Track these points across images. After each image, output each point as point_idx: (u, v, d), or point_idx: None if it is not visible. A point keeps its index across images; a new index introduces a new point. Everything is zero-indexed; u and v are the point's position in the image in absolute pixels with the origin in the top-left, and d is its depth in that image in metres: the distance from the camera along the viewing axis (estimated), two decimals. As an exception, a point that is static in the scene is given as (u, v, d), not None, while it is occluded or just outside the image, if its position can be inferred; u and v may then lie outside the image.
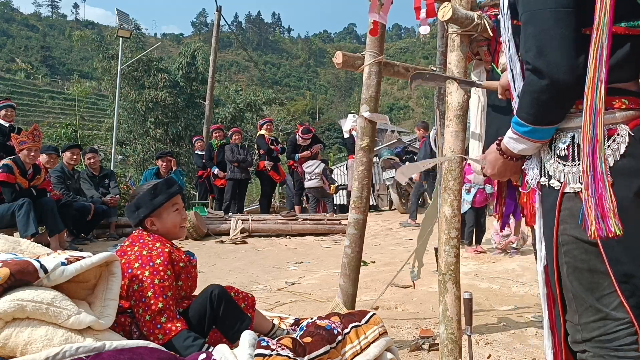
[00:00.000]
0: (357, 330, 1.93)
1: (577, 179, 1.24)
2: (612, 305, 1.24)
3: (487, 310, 3.34)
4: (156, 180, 2.16)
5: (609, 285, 1.23)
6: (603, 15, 1.14)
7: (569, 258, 1.29)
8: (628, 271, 1.21)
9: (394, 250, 6.14)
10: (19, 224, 5.01)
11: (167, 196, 2.06)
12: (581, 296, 1.29)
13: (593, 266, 1.25)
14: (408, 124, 72.79)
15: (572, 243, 1.28)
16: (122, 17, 14.03)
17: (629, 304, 1.21)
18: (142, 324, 1.84)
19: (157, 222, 2.06)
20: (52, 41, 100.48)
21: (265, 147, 8.90)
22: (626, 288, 1.21)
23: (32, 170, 5.39)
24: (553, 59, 1.17)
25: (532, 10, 1.21)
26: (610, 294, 1.24)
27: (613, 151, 1.20)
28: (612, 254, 1.21)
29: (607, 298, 1.25)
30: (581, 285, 1.28)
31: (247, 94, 24.21)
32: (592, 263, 1.25)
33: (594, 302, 1.27)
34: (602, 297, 1.26)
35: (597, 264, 1.24)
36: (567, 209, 1.28)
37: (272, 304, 3.47)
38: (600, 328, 1.26)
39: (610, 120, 1.21)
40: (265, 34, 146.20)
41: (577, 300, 1.30)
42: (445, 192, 2.11)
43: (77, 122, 17.22)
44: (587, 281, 1.27)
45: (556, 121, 1.26)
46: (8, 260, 1.59)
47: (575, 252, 1.28)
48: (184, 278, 2.02)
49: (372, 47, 2.64)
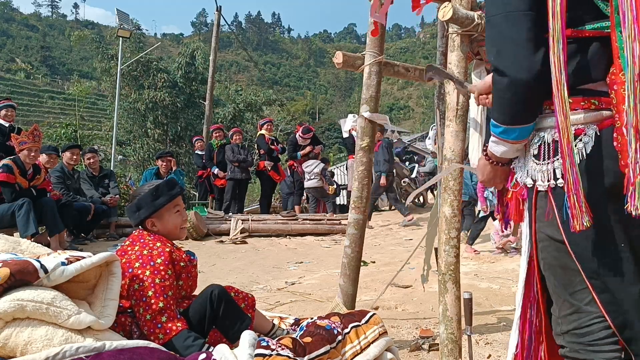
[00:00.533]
0: (357, 330, 1.93)
1: (545, 177, 1.28)
2: (585, 300, 1.28)
3: (487, 310, 3.35)
4: (158, 181, 2.16)
5: (581, 281, 1.27)
6: (556, 22, 1.17)
7: (545, 254, 1.34)
8: (595, 267, 1.24)
9: (394, 250, 6.14)
10: (19, 224, 5.01)
11: (168, 198, 2.06)
12: (557, 291, 1.34)
13: (565, 263, 1.30)
14: (408, 124, 72.86)
15: (546, 241, 1.33)
16: (122, 17, 14.02)
17: (600, 299, 1.25)
18: (142, 323, 1.84)
19: (158, 223, 2.06)
20: (52, 41, 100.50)
21: (266, 147, 8.90)
22: (596, 284, 1.25)
23: (32, 171, 5.39)
24: (509, 58, 1.22)
25: (491, 15, 1.25)
26: (583, 290, 1.28)
27: (579, 150, 1.23)
28: (579, 250, 1.25)
29: (580, 294, 1.29)
30: (556, 281, 1.34)
31: (247, 94, 24.21)
32: (564, 260, 1.29)
33: (567, 297, 1.31)
34: (575, 292, 1.30)
35: (569, 261, 1.28)
36: (540, 207, 1.33)
37: (272, 304, 3.47)
38: (576, 321, 1.31)
39: (577, 120, 1.24)
40: (265, 34, 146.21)
41: (554, 295, 1.36)
42: (445, 192, 2.11)
43: (77, 122, 17.23)
44: (561, 277, 1.32)
45: (525, 121, 1.28)
46: (8, 260, 1.59)
47: (549, 249, 1.33)
48: (185, 278, 2.02)
49: (372, 47, 2.64)
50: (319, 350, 1.76)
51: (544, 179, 1.29)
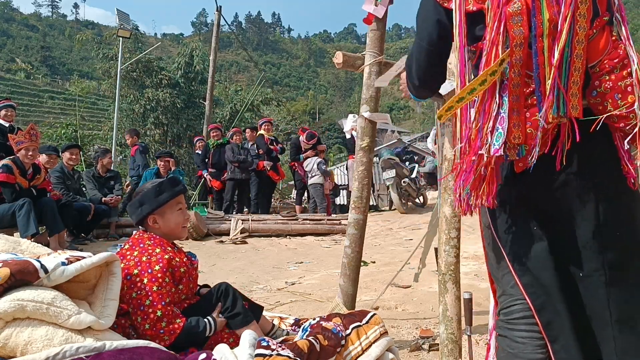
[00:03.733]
0: (358, 331, 1.92)
1: None
2: (510, 283, 1.41)
3: (487, 310, 3.34)
4: (161, 179, 2.16)
5: (506, 266, 1.41)
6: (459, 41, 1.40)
7: (484, 241, 1.52)
8: (516, 251, 1.37)
9: (394, 250, 6.14)
10: (20, 224, 5.01)
11: (171, 194, 2.06)
12: (493, 275, 1.51)
13: (494, 248, 1.45)
14: (408, 124, 72.84)
15: (484, 229, 1.50)
16: (122, 17, 14.00)
17: (521, 282, 1.37)
18: (142, 332, 1.84)
19: (160, 220, 2.05)
20: (52, 41, 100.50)
21: (265, 147, 8.90)
22: (517, 267, 1.37)
23: (32, 170, 5.39)
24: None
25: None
26: (508, 273, 1.41)
27: None
28: (502, 235, 1.41)
29: (506, 277, 1.42)
30: (491, 265, 1.50)
31: (245, 94, 24.20)
32: (493, 246, 1.45)
33: (498, 280, 1.47)
34: (503, 275, 1.44)
35: (496, 247, 1.43)
36: None
37: (272, 304, 3.47)
38: (502, 302, 1.45)
39: None
40: (265, 34, 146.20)
41: (493, 278, 1.52)
42: (446, 192, 2.11)
43: (77, 122, 17.23)
44: (493, 261, 1.48)
45: (420, 97, 1.79)
46: (8, 260, 1.59)
47: (486, 236, 1.50)
48: (185, 282, 2.02)
49: (372, 47, 2.64)
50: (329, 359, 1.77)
51: None
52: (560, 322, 1.32)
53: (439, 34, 1.48)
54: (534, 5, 1.26)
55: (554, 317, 1.32)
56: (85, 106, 30.98)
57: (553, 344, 1.33)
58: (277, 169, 9.20)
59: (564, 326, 1.31)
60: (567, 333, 1.31)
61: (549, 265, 1.33)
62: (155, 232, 2.06)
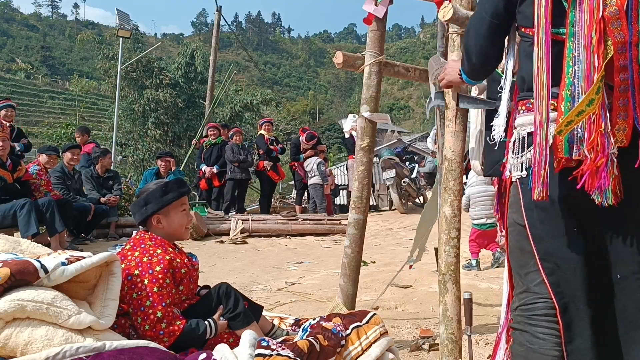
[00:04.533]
0: (358, 331, 1.92)
1: (516, 168, 1.49)
2: (535, 282, 1.44)
3: (487, 310, 3.34)
4: (165, 180, 2.17)
5: (534, 264, 1.43)
6: (540, 30, 1.34)
7: (510, 238, 1.54)
8: (548, 249, 1.40)
9: (394, 250, 6.14)
10: (20, 224, 4.99)
11: (177, 194, 2.06)
12: (514, 271, 1.54)
13: (522, 246, 1.47)
14: (408, 124, 72.87)
15: (512, 226, 1.53)
16: (122, 17, 14.01)
17: (549, 280, 1.39)
18: (142, 333, 1.84)
19: (164, 220, 2.05)
20: (52, 41, 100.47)
21: (265, 147, 8.89)
22: (547, 266, 1.40)
23: (11, 162, 5.25)
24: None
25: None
26: (534, 272, 1.44)
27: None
28: (536, 232, 1.42)
29: (532, 275, 1.45)
30: (515, 262, 1.53)
31: (245, 94, 24.20)
32: (522, 243, 1.47)
33: (522, 277, 1.49)
34: (528, 273, 1.47)
35: (526, 244, 1.45)
36: (512, 196, 1.54)
37: (272, 304, 3.47)
38: (524, 299, 1.48)
39: None
40: (265, 34, 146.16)
41: (513, 274, 1.56)
42: (446, 192, 2.11)
43: (78, 122, 17.23)
44: (518, 259, 1.51)
45: (476, 80, 1.81)
46: (8, 260, 1.59)
47: (513, 234, 1.52)
48: (186, 283, 2.02)
49: (372, 47, 2.64)
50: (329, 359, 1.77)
51: (516, 169, 1.49)
52: (581, 324, 1.35)
53: (505, 5, 1.47)
54: (630, 11, 1.27)
55: (575, 318, 1.36)
56: (85, 106, 30.96)
57: (568, 345, 1.36)
58: (277, 169, 9.20)
59: (583, 328, 1.35)
60: (585, 336, 1.34)
61: (581, 267, 1.36)
62: (157, 233, 2.06)
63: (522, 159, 1.46)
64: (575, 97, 1.30)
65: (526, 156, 1.45)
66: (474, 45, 1.56)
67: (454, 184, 2.10)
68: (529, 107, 1.45)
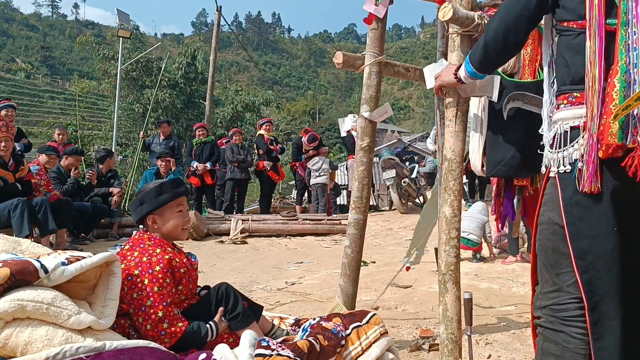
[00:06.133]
0: (358, 331, 1.92)
1: (556, 163, 1.46)
2: (567, 282, 1.44)
3: (487, 310, 3.34)
4: (164, 179, 2.17)
5: (567, 265, 1.43)
6: (593, 20, 1.34)
7: (541, 236, 1.52)
8: (585, 247, 1.39)
9: (394, 250, 6.14)
10: (14, 225, 4.90)
11: (172, 195, 2.05)
12: (544, 270, 1.52)
13: (556, 246, 1.46)
14: (408, 124, 72.91)
15: (546, 224, 1.50)
16: (122, 17, 13.99)
17: (582, 279, 1.39)
18: (144, 333, 1.84)
19: (159, 220, 2.05)
20: (52, 41, 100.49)
21: (264, 147, 8.89)
22: (581, 264, 1.39)
23: (14, 162, 5.20)
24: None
25: None
26: (568, 272, 1.44)
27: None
28: (575, 230, 1.40)
29: (564, 276, 1.45)
30: (545, 260, 1.51)
31: (245, 94, 24.20)
32: (557, 243, 1.46)
33: (552, 277, 1.48)
34: (560, 274, 1.46)
35: (561, 245, 1.44)
36: (548, 193, 1.50)
37: (272, 304, 3.47)
38: (555, 298, 1.48)
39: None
40: (265, 34, 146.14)
41: (541, 273, 1.54)
42: (446, 192, 2.11)
43: (78, 122, 17.22)
44: (550, 258, 1.49)
45: (487, 72, 1.78)
46: (8, 260, 1.59)
47: (546, 232, 1.50)
48: (185, 283, 2.02)
49: (373, 47, 2.64)
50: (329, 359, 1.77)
51: (555, 165, 1.47)
52: (612, 322, 1.36)
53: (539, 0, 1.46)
54: None
55: (604, 317, 1.37)
56: (85, 106, 30.93)
57: (596, 342, 1.38)
58: (277, 169, 9.19)
59: (614, 326, 1.36)
60: (615, 334, 1.36)
61: (616, 265, 1.37)
62: (155, 233, 2.06)
63: (564, 154, 1.44)
64: (631, 83, 1.29)
65: (568, 150, 1.43)
66: (497, 32, 1.53)
67: (454, 184, 2.10)
68: (572, 101, 1.44)
